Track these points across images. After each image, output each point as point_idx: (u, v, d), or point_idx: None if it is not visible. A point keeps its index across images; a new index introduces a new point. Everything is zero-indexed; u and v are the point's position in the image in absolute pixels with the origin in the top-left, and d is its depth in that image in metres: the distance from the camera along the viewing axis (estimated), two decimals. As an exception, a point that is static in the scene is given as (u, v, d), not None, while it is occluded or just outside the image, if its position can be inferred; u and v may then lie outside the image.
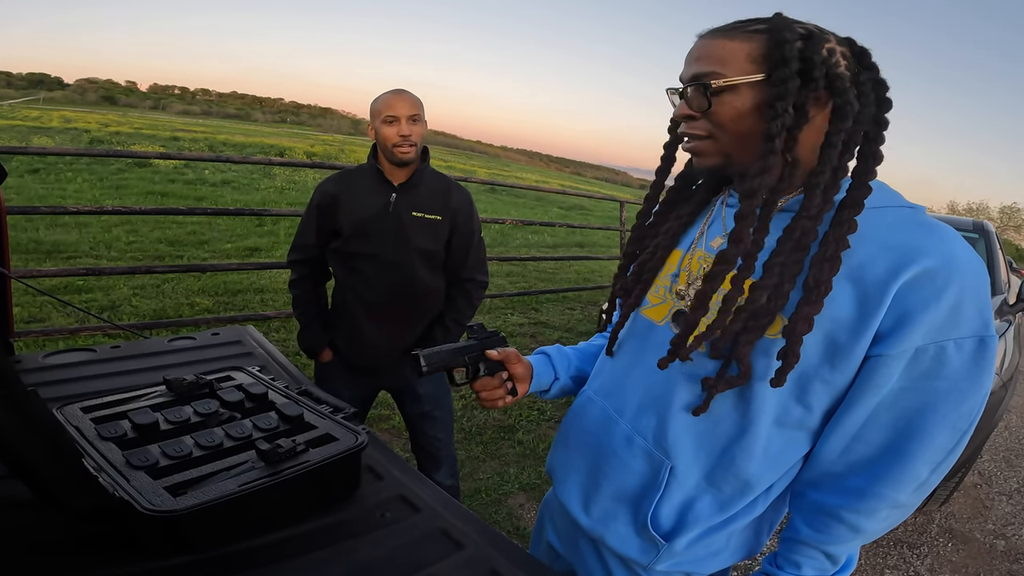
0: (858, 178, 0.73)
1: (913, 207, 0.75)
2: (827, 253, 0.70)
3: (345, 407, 1.06)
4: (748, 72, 0.73)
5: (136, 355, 1.41)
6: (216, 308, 4.57)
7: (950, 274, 0.68)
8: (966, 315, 0.69)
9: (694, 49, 0.78)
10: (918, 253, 0.68)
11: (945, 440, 0.71)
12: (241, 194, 10.73)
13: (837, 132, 0.72)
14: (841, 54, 0.73)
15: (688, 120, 0.80)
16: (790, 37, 0.71)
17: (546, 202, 17.81)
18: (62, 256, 5.46)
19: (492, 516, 2.44)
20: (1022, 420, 4.63)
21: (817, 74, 0.71)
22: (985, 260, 3.79)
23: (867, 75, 0.74)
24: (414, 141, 1.74)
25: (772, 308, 0.73)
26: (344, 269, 1.87)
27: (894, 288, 0.68)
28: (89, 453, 0.84)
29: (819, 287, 0.70)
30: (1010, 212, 44.30)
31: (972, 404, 0.71)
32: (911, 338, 0.69)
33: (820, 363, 0.73)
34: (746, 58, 0.73)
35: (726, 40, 0.75)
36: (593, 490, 0.92)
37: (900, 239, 0.70)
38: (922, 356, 0.70)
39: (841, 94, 0.72)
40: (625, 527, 0.89)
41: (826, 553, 0.79)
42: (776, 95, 0.71)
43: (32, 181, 9.26)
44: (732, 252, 0.75)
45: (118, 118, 33.56)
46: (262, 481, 0.82)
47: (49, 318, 3.93)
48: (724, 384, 0.76)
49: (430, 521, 0.91)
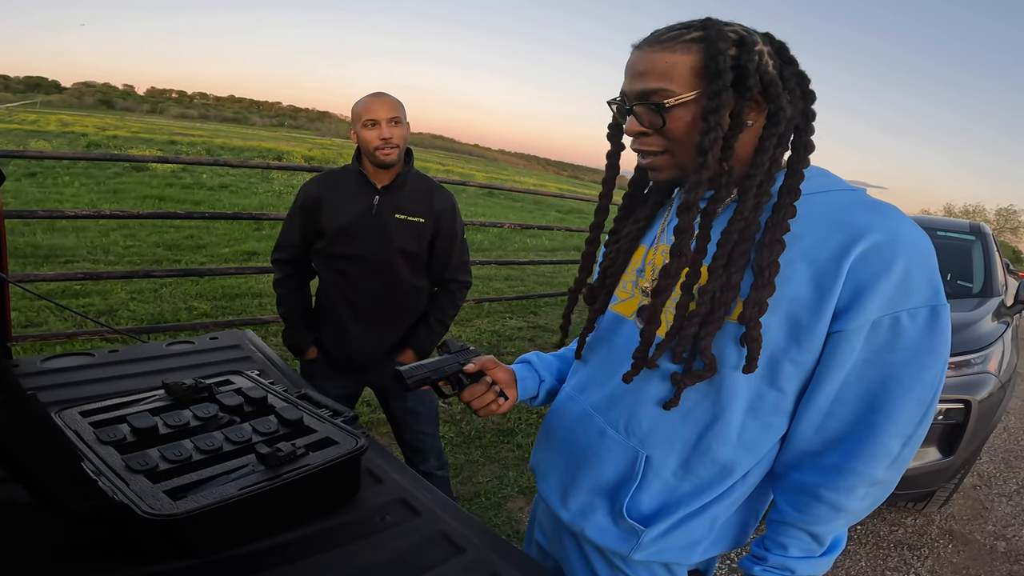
0: (792, 167, 0.76)
1: (855, 189, 0.79)
2: (767, 239, 0.74)
3: (344, 410, 1.06)
4: (693, 86, 0.74)
5: (134, 359, 1.40)
6: (214, 312, 4.56)
7: (896, 247, 0.70)
8: (916, 286, 0.71)
9: (636, 62, 0.78)
10: (865, 229, 0.71)
11: (911, 412, 0.74)
12: (239, 198, 10.71)
13: (770, 136, 0.75)
14: (768, 54, 0.75)
15: (640, 136, 0.81)
16: (723, 47, 0.72)
17: (544, 206, 17.80)
18: (59, 260, 5.45)
19: (492, 520, 2.43)
20: (1021, 422, 4.64)
21: (752, 82, 0.73)
22: (982, 262, 3.80)
23: (790, 70, 0.77)
24: (395, 144, 1.76)
25: (724, 301, 0.76)
26: (328, 270, 1.88)
27: (847, 265, 0.71)
28: (88, 457, 0.84)
29: (764, 271, 0.73)
30: (1007, 214, 44.43)
31: (933, 373, 0.73)
32: (867, 311, 0.71)
33: (787, 345, 0.75)
34: (690, 72, 0.74)
35: (667, 53, 0.75)
36: (571, 484, 0.94)
37: (847, 219, 0.73)
38: (879, 328, 0.72)
39: (775, 100, 0.74)
40: (603, 518, 0.90)
41: (811, 533, 0.80)
42: (709, 108, 0.72)
43: (29, 185, 9.25)
44: (674, 266, 0.78)
45: (115, 122, 33.51)
46: (262, 485, 0.82)
47: (47, 322, 3.92)
48: (692, 378, 0.79)
49: (431, 524, 0.90)
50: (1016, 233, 44.10)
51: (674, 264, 0.78)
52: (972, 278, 3.75)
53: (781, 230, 0.74)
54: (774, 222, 0.74)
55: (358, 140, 1.80)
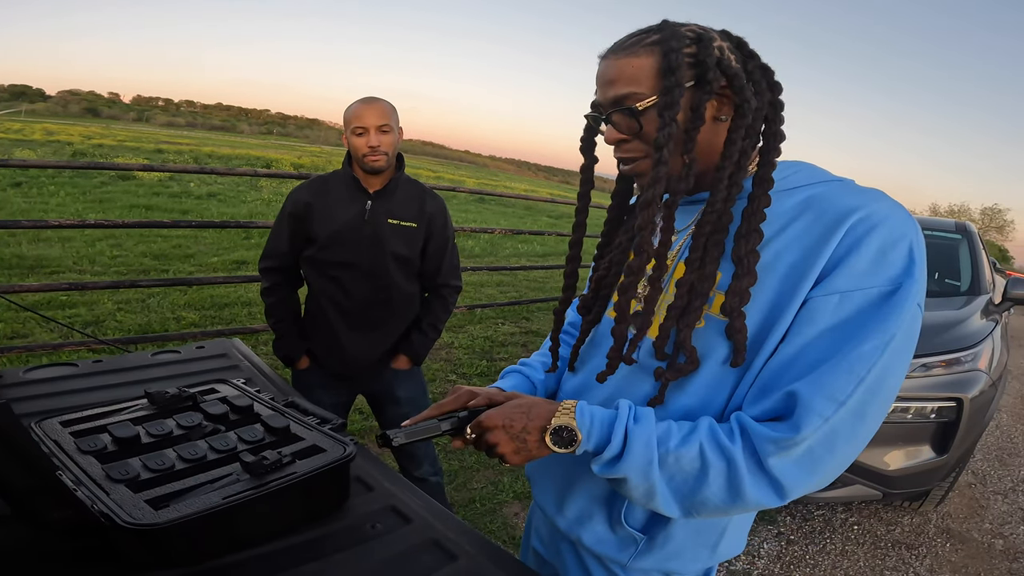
0: (765, 156, 0.78)
1: (842, 180, 0.79)
2: (743, 229, 0.75)
3: (332, 418, 1.04)
4: (658, 87, 0.75)
5: (119, 369, 1.38)
6: (203, 322, 4.52)
7: (875, 223, 0.70)
8: (891, 261, 0.69)
9: (605, 71, 0.79)
10: (850, 211, 0.71)
11: (842, 382, 0.68)
12: (227, 207, 10.65)
13: (738, 129, 0.76)
14: (728, 49, 0.77)
15: (621, 144, 0.81)
16: (677, 46, 0.74)
17: (535, 211, 17.84)
18: (45, 271, 5.38)
19: (487, 526, 2.41)
20: (1013, 419, 4.67)
21: (711, 75, 0.74)
22: (969, 260, 3.83)
23: (752, 63, 0.78)
24: (384, 151, 1.75)
25: (702, 292, 0.76)
26: (319, 277, 1.86)
27: (831, 247, 0.71)
28: (68, 467, 0.82)
29: (743, 260, 0.73)
30: (991, 213, 44.95)
31: (873, 346, 0.68)
32: (836, 283, 0.70)
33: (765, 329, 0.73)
34: (655, 73, 0.75)
35: (632, 58, 0.76)
36: (568, 492, 0.92)
37: (832, 205, 0.73)
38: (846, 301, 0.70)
39: (740, 92, 0.75)
40: (601, 525, 0.88)
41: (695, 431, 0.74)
42: (663, 105, 0.73)
43: (14, 195, 9.15)
44: (636, 263, 0.78)
45: (101, 130, 33.31)
46: (247, 493, 0.79)
47: (32, 334, 3.87)
48: (674, 373, 0.78)
49: (422, 532, 0.89)
50: (1002, 232, 44.65)
51: (635, 262, 0.78)
52: (959, 277, 3.78)
53: (757, 219, 0.75)
54: (750, 211, 0.75)
55: (348, 145, 1.79)
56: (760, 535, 2.69)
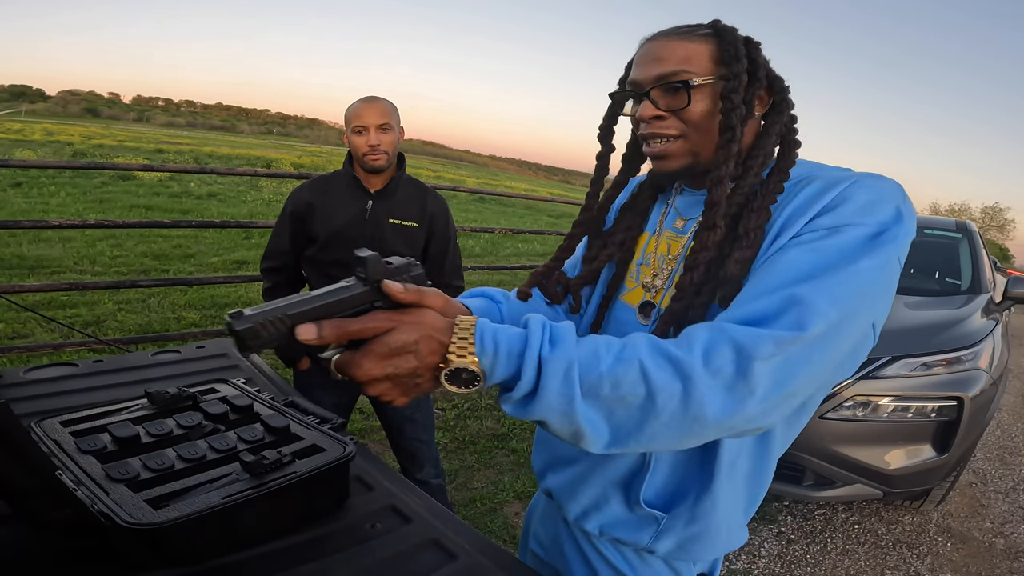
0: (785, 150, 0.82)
1: (844, 169, 0.81)
2: (754, 205, 0.77)
3: (332, 418, 1.04)
4: (712, 71, 0.78)
5: (119, 369, 1.38)
6: (203, 322, 4.52)
7: (864, 185, 0.72)
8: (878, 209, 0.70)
9: (654, 49, 0.80)
10: (843, 178, 0.74)
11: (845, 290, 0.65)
12: (227, 207, 10.66)
13: (774, 124, 0.81)
14: None
15: (655, 120, 0.81)
16: (733, 40, 0.78)
17: (535, 211, 17.84)
18: (45, 271, 5.39)
19: (488, 525, 2.41)
20: (1014, 418, 4.66)
21: (761, 74, 0.79)
22: (970, 259, 3.83)
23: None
24: (384, 150, 1.75)
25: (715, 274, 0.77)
26: (320, 276, 1.85)
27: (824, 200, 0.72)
28: (68, 466, 0.82)
29: (749, 233, 0.75)
30: (992, 212, 44.89)
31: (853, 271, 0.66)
32: (823, 222, 0.71)
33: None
34: (709, 58, 0.78)
35: (685, 42, 0.79)
36: (581, 480, 0.91)
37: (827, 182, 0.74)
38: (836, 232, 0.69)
39: (780, 92, 0.82)
40: (619, 506, 0.87)
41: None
42: (732, 88, 0.76)
43: (14, 195, 9.16)
44: (709, 238, 0.77)
45: (101, 131, 33.32)
46: (247, 493, 0.79)
47: (33, 334, 3.87)
48: None
49: (422, 531, 0.88)
50: (1002, 231, 44.60)
51: (707, 236, 0.77)
52: (960, 275, 3.77)
53: (769, 200, 0.77)
54: (764, 192, 0.78)
55: (349, 144, 1.79)
56: (760, 534, 2.69)
